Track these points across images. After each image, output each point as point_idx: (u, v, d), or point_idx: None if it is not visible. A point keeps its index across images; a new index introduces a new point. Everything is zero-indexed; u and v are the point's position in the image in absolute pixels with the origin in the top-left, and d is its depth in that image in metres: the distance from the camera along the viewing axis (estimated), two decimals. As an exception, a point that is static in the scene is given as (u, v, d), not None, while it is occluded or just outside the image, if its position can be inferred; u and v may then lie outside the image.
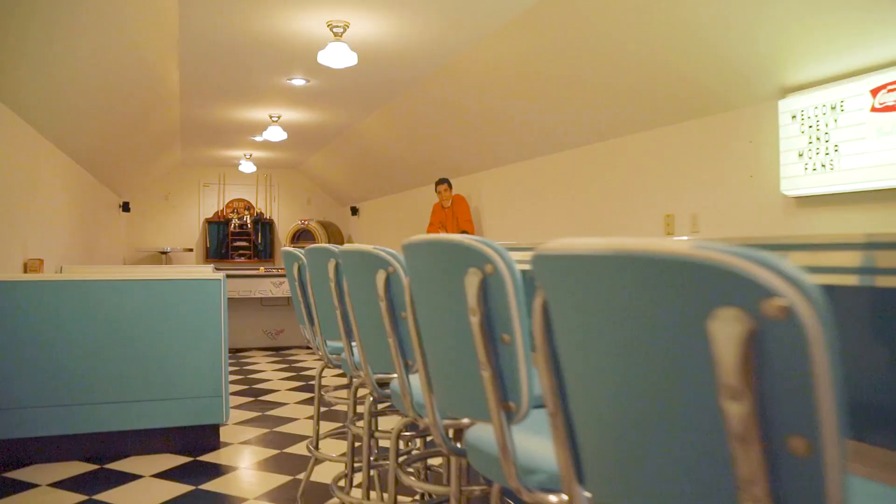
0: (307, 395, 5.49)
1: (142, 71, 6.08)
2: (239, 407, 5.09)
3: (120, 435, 3.83)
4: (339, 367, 2.58)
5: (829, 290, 0.64)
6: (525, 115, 5.94)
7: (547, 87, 5.38)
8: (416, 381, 1.67)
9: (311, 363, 7.04)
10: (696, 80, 4.32)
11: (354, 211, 12.88)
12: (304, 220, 12.87)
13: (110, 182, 9.97)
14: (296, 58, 5.83)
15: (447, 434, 1.53)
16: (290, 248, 2.78)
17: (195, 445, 3.98)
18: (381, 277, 1.66)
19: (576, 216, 5.90)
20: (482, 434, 1.31)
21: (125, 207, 11.92)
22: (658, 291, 0.64)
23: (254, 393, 5.58)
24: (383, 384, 2.18)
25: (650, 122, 4.93)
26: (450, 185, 7.56)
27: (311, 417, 4.77)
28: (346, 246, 1.88)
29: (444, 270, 1.25)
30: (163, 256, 12.75)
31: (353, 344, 2.28)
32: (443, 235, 1.22)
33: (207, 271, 5.76)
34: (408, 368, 1.70)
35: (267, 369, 6.70)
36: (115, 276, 3.86)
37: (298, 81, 6.56)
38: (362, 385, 2.53)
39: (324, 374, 5.50)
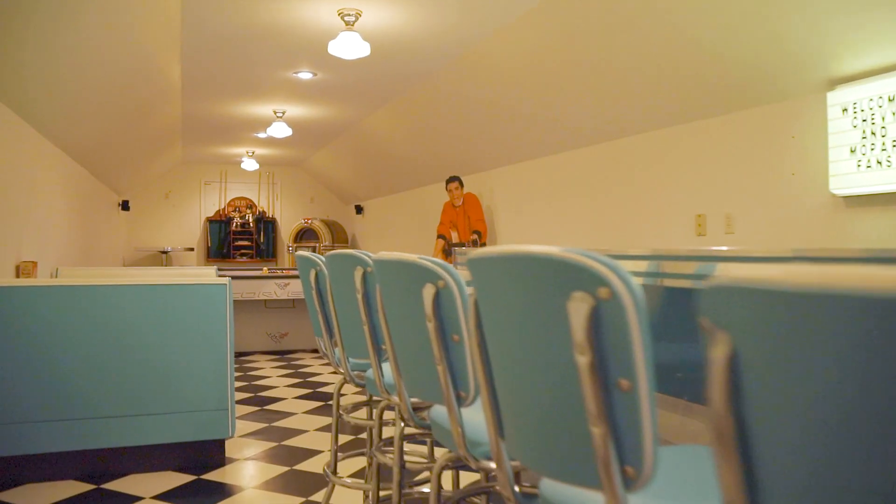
0: (315, 405, 5.22)
1: (142, 64, 5.81)
2: (244, 417, 4.82)
3: (118, 452, 3.56)
4: (361, 385, 2.31)
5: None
6: (542, 109, 5.67)
7: (566, 79, 5.10)
8: (466, 413, 1.46)
9: (317, 368, 6.77)
10: (731, 70, 4.05)
11: (359, 210, 12.61)
12: (308, 219, 12.60)
13: (109, 180, 9.70)
14: (303, 49, 5.55)
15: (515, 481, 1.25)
16: (307, 253, 2.50)
17: (199, 462, 3.71)
18: (428, 293, 1.39)
19: (596, 217, 5.63)
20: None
21: (125, 206, 11.65)
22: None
23: (259, 401, 5.31)
24: (417, 409, 1.91)
25: (679, 116, 4.66)
26: (461, 183, 7.29)
27: (321, 430, 4.50)
28: (382, 254, 1.60)
29: (532, 293, 0.97)
30: (163, 256, 12.48)
31: (382, 362, 2.01)
32: (537, 248, 0.92)
33: (211, 273, 5.51)
34: (460, 400, 1.43)
35: (272, 375, 6.43)
36: (112, 281, 3.59)
37: (305, 75, 6.29)
38: (389, 407, 2.27)
39: (343, 392, 5.25)
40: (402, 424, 2.04)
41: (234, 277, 7.41)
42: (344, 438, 4.26)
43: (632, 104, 4.89)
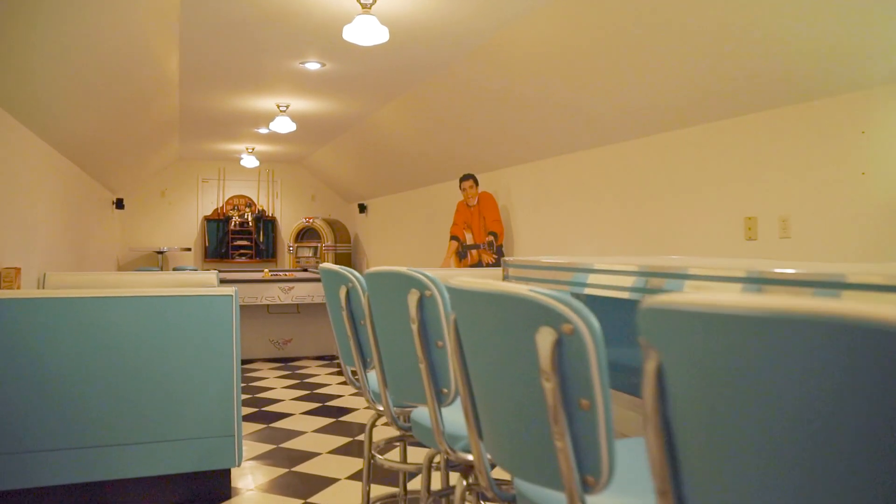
0: (325, 421, 4.81)
1: (137, 51, 5.39)
2: (249, 436, 4.41)
3: (111, 485, 3.15)
4: (406, 429, 1.91)
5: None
6: (568, 103, 5.26)
7: (596, 69, 4.70)
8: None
9: (324, 378, 6.36)
10: (790, 58, 3.65)
11: (362, 208, 12.19)
12: (309, 219, 12.18)
13: (102, 177, 9.26)
14: (313, 36, 5.14)
15: None
16: (336, 267, 2.09)
17: (202, 495, 3.30)
18: (546, 340, 0.97)
19: (627, 220, 5.23)
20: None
21: (119, 204, 11.21)
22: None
23: (264, 417, 4.90)
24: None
25: (726, 109, 4.26)
26: (476, 182, 6.88)
27: (334, 452, 4.09)
28: (462, 281, 1.19)
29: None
30: (159, 256, 12.05)
31: (443, 406, 1.61)
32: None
33: (212, 279, 5.10)
34: (587, 487, 1.01)
35: (276, 386, 6.02)
36: (103, 292, 3.17)
37: (313, 65, 5.87)
38: (452, 465, 1.87)
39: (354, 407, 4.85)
40: (466, 483, 1.63)
41: (235, 281, 7.01)
42: (358, 460, 3.86)
43: (670, 96, 4.48)
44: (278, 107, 7.53)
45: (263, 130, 9.25)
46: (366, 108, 7.62)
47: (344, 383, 6.12)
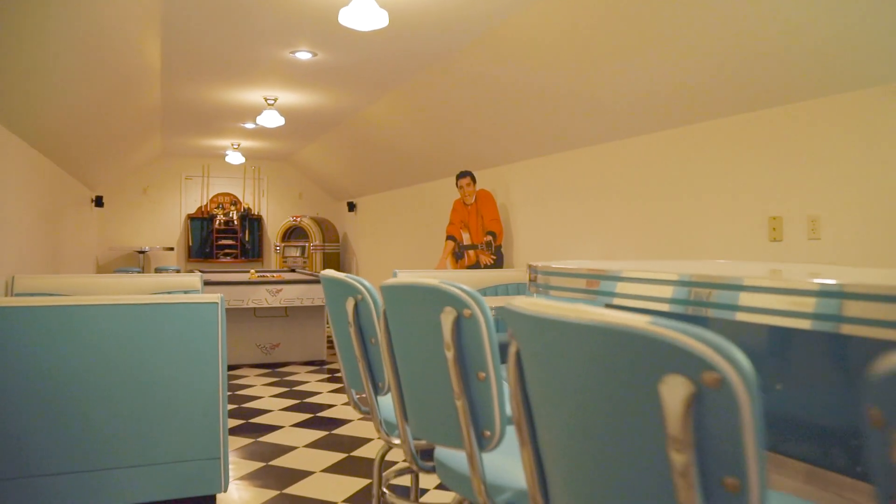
0: (317, 434, 4.49)
1: (116, 40, 5.03)
2: (236, 452, 4.08)
3: (81, 515, 2.81)
4: (430, 471, 1.60)
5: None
6: (577, 94, 4.96)
7: (608, 58, 4.40)
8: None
9: (314, 386, 6.03)
10: (819, 45, 3.37)
11: (352, 207, 11.85)
12: (296, 217, 11.81)
13: (80, 174, 8.87)
14: (305, 23, 4.80)
15: None
16: (341, 275, 1.78)
17: (184, 525, 2.98)
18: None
19: (637, 220, 4.94)
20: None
21: (98, 202, 10.80)
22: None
23: (251, 429, 4.57)
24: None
25: (748, 101, 3.98)
26: (473, 179, 6.57)
27: (329, 471, 3.78)
28: (524, 302, 0.89)
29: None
30: (140, 256, 11.65)
31: (483, 451, 1.30)
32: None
33: (195, 282, 4.79)
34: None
35: (264, 395, 5.68)
36: (74, 301, 2.84)
37: (304, 55, 5.54)
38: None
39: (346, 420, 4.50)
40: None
41: (220, 283, 6.66)
42: (360, 481, 3.54)
43: (685, 88, 4.19)
44: (266, 100, 7.18)
45: (250, 125, 8.90)
46: (358, 102, 7.29)
47: (335, 391, 5.80)
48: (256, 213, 12.60)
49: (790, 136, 3.81)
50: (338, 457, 4.04)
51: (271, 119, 7.06)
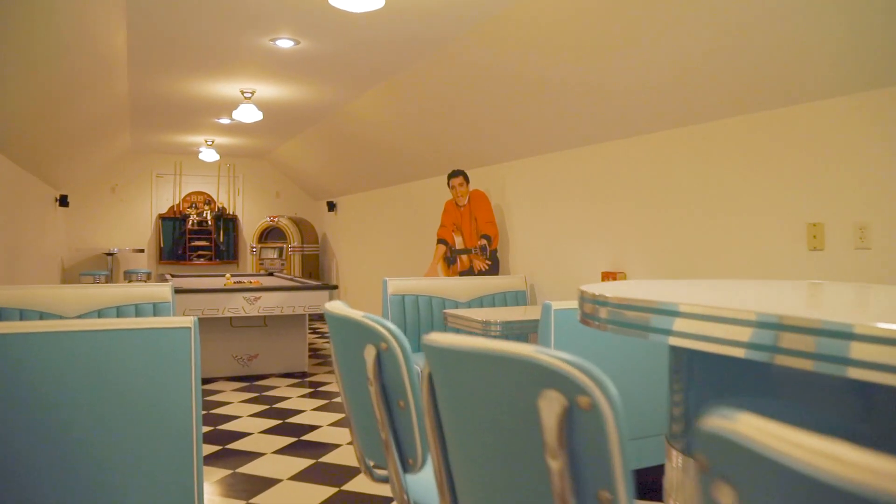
0: (305, 463, 4.03)
1: (77, 26, 4.53)
2: (212, 486, 3.62)
3: (25, 585, 2.34)
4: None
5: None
6: (585, 87, 4.55)
7: (621, 48, 3.99)
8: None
9: (296, 402, 5.56)
10: (872, 34, 2.98)
11: (331, 206, 11.36)
12: (273, 217, 11.30)
13: (42, 172, 8.29)
14: (287, 7, 4.34)
15: None
16: (356, 314, 1.33)
17: (150, 590, 2.51)
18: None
19: (651, 226, 4.54)
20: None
21: (63, 202, 10.20)
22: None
23: (229, 458, 4.10)
24: None
25: (786, 95, 3.59)
26: (466, 179, 6.15)
27: (318, 512, 3.33)
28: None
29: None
30: (108, 258, 11.06)
31: None
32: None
33: (165, 293, 4.32)
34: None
35: (242, 413, 5.21)
36: (13, 328, 2.36)
37: (285, 42, 5.06)
38: None
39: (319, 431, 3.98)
40: None
41: (193, 291, 6.16)
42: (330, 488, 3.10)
43: (709, 80, 3.79)
44: (242, 93, 6.69)
45: (225, 121, 8.38)
46: (342, 95, 6.82)
47: (319, 409, 5.34)
48: (231, 213, 12.07)
49: (833, 133, 3.42)
50: (328, 491, 3.59)
51: (248, 114, 6.57)
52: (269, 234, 11.36)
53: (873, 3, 2.86)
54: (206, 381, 6.37)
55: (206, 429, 4.77)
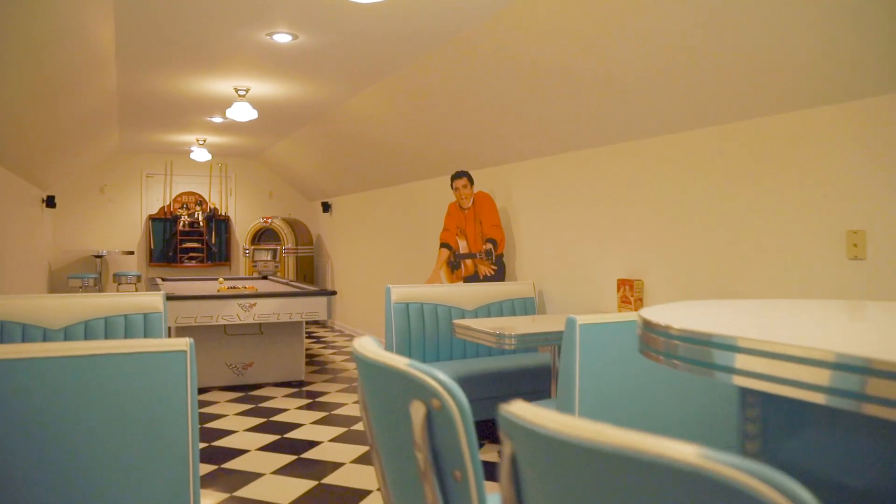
0: (306, 485, 3.78)
1: (62, 18, 4.25)
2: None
3: None
4: None
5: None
6: (604, 82, 4.31)
7: (645, 35, 3.76)
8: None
9: (294, 415, 5.31)
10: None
11: (326, 207, 11.09)
12: (267, 218, 11.01)
13: (28, 172, 7.99)
14: (285, -2, 4.08)
15: None
16: (398, 361, 1.07)
17: None
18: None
19: (673, 230, 4.30)
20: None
21: (50, 202, 9.89)
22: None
23: (226, 479, 3.84)
24: None
25: (824, 94, 3.36)
26: (471, 180, 5.90)
27: (324, 543, 3.08)
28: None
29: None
30: (97, 261, 10.75)
31: None
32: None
33: (156, 302, 4.07)
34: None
35: (238, 427, 4.94)
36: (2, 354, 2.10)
37: (282, 37, 4.80)
38: None
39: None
40: None
41: (185, 298, 5.88)
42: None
43: (744, 78, 3.56)
44: (236, 90, 6.42)
45: (218, 119, 8.10)
46: (341, 92, 6.56)
47: (318, 422, 5.09)
48: (223, 214, 11.78)
49: (875, 134, 3.19)
50: (332, 519, 3.34)
51: (243, 112, 6.30)
52: (263, 236, 11.08)
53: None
54: (199, 390, 6.10)
55: (200, 445, 4.50)
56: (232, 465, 4.14)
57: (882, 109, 3.16)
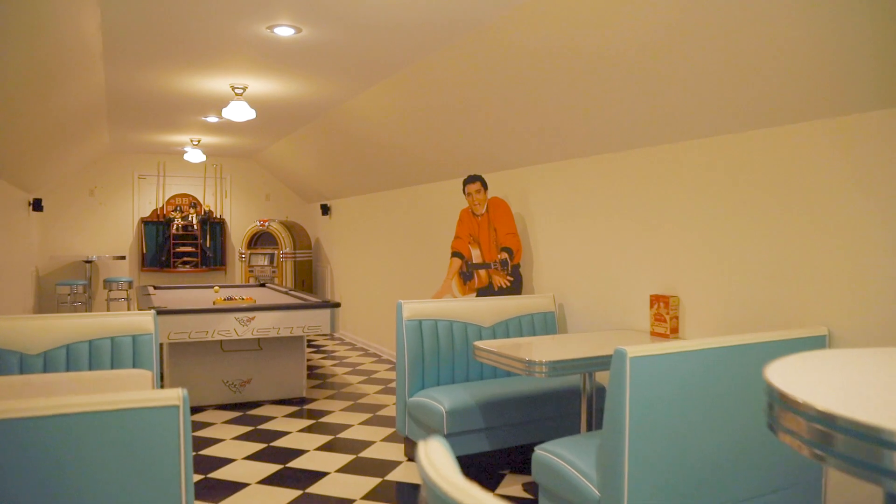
0: (313, 530, 3.39)
1: (43, 12, 3.85)
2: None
3: None
4: None
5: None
6: (638, 78, 3.93)
7: (685, 28, 3.38)
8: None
9: (295, 438, 4.91)
10: None
11: (325, 210, 10.68)
12: (264, 221, 10.61)
13: (12, 175, 7.57)
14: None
15: None
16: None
17: None
18: None
19: (718, 238, 3.92)
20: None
21: (37, 206, 9.47)
22: None
23: (224, 524, 3.45)
24: None
25: (874, 98, 2.98)
26: (484, 185, 5.51)
27: None
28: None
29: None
30: (87, 266, 10.33)
31: None
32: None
33: (147, 323, 3.69)
34: None
35: (236, 455, 4.55)
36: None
37: (284, 30, 4.41)
38: None
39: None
40: None
41: (178, 313, 5.47)
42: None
43: (797, 76, 3.18)
44: (233, 88, 6.02)
45: (213, 119, 7.70)
46: (344, 91, 6.17)
47: (323, 447, 4.70)
48: (218, 217, 11.37)
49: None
50: (345, 573, 2.95)
51: (240, 112, 5.90)
52: (259, 239, 10.67)
53: None
54: (193, 410, 5.71)
55: (195, 477, 4.11)
56: (229, 501, 3.75)
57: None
